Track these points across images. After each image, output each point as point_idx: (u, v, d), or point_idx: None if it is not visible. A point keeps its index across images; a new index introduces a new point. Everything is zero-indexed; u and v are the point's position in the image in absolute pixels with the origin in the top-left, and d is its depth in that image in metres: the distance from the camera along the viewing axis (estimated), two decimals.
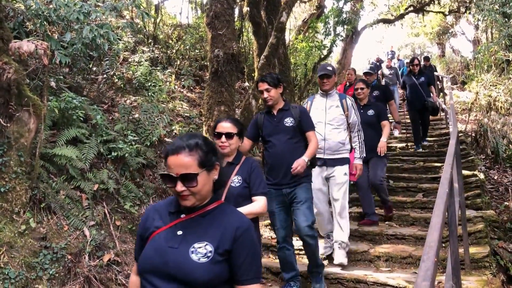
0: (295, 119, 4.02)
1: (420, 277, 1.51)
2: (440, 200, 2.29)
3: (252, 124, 4.19)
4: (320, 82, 4.85)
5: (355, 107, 4.90)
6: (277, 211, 4.13)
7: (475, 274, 4.44)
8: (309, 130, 4.09)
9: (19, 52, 3.60)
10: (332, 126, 4.77)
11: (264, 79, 4.00)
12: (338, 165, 4.76)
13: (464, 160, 7.97)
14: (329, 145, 4.74)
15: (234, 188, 3.12)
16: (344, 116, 4.82)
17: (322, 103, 4.87)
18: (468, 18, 20.39)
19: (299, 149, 4.03)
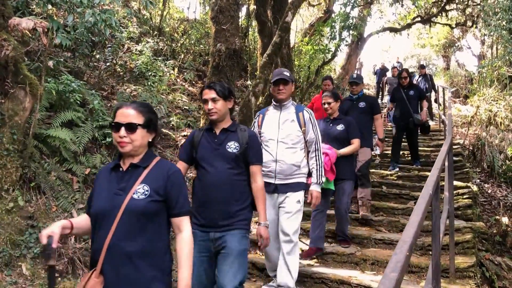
0: (241, 146, 3.16)
1: (389, 268, 1.52)
2: (422, 200, 2.30)
3: (187, 142, 3.34)
4: (275, 89, 3.97)
5: (314, 121, 4.07)
6: (197, 261, 3.01)
7: (459, 283, 4.44)
8: (254, 163, 3.23)
9: (18, 29, 3.61)
10: (286, 145, 3.92)
11: (211, 86, 3.17)
12: (291, 191, 3.95)
13: (459, 171, 7.97)
14: (281, 167, 3.90)
15: (135, 202, 2.21)
16: (301, 132, 3.96)
17: (275, 117, 4.01)
18: (474, 32, 20.42)
19: (240, 184, 3.16)
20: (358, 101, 6.44)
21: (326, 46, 13.05)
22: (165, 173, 2.33)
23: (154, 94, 6.88)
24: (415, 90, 8.40)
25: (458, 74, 21.90)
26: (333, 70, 17.81)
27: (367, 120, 6.40)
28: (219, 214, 3.08)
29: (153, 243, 2.25)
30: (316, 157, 4.06)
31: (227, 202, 3.08)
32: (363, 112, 6.34)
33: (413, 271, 4.78)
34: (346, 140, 5.29)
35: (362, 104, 6.42)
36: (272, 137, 3.93)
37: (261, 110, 4.25)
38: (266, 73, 8.26)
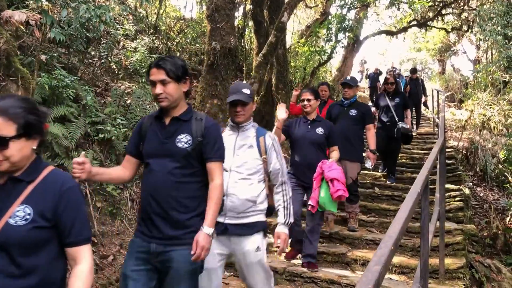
0: (194, 139, 2.54)
1: (373, 261, 1.52)
2: (410, 198, 2.31)
3: (135, 131, 2.75)
4: (231, 111, 3.25)
5: (278, 148, 3.34)
6: (134, 276, 2.49)
7: (448, 284, 4.47)
8: (212, 160, 2.58)
9: (11, 21, 3.60)
10: (240, 175, 3.15)
11: (160, 65, 2.49)
12: (246, 234, 3.11)
13: (452, 174, 8.02)
14: (232, 203, 3.08)
15: (11, 230, 1.72)
16: (261, 161, 3.23)
17: (231, 141, 3.23)
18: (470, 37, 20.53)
19: (190, 187, 2.55)
20: (350, 108, 5.86)
21: (322, 48, 13.08)
22: (57, 189, 1.81)
23: (148, 92, 6.86)
24: (401, 98, 7.77)
25: (453, 79, 22.00)
26: (329, 72, 17.86)
27: (358, 129, 5.87)
28: (163, 223, 2.49)
29: (43, 282, 1.77)
30: (283, 191, 3.29)
31: (172, 209, 2.47)
32: (354, 120, 5.80)
33: (404, 272, 4.81)
34: (324, 146, 4.86)
35: (354, 112, 5.81)
36: (224, 165, 2.88)
37: None
38: (261, 73, 8.27)
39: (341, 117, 5.84)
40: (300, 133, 4.84)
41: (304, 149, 4.82)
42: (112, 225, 5.12)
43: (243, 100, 3.15)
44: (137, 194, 5.69)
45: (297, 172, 4.87)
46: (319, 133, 4.79)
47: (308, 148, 4.79)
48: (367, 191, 7.16)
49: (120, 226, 5.21)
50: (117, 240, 4.97)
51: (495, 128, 11.58)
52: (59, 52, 6.61)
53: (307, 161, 4.76)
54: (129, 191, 5.60)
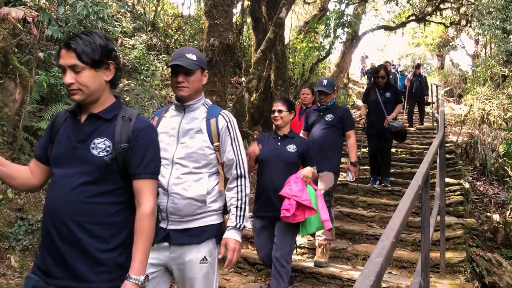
0: (115, 146, 1.89)
1: (375, 253, 1.51)
2: (410, 191, 2.30)
3: (47, 129, 2.08)
4: (172, 81, 2.58)
5: (235, 131, 2.62)
6: None
7: (449, 277, 4.47)
8: (140, 176, 1.92)
9: (8, 18, 3.58)
10: (185, 169, 2.48)
11: (70, 45, 1.85)
12: (193, 242, 2.49)
13: (452, 168, 8.03)
14: (174, 204, 2.46)
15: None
16: (212, 150, 2.54)
17: (174, 125, 2.57)
18: (469, 32, 20.52)
19: (105, 210, 1.89)
20: (326, 113, 5.15)
21: (321, 44, 13.06)
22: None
23: (147, 89, 6.85)
24: (393, 92, 7.07)
25: (452, 74, 22.03)
26: (327, 68, 17.84)
27: (334, 136, 5.10)
28: (64, 259, 1.83)
29: None
30: (237, 187, 2.60)
31: (78, 239, 1.83)
32: (330, 126, 5.08)
33: (405, 266, 4.81)
34: (297, 167, 3.99)
35: (330, 117, 5.10)
36: (165, 155, 2.46)
37: (159, 110, 2.81)
38: (259, 69, 8.26)
39: (316, 123, 5.17)
40: (267, 151, 3.96)
41: (271, 171, 3.88)
42: None
43: (186, 67, 2.44)
44: None
45: (261, 201, 3.94)
46: (290, 151, 3.93)
47: (276, 170, 3.86)
48: (367, 186, 7.16)
49: None
50: None
51: (494, 122, 11.58)
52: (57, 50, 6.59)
53: (273, 185, 3.81)
54: None
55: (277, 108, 4.03)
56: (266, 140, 4.10)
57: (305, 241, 5.41)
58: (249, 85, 7.92)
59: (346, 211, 6.23)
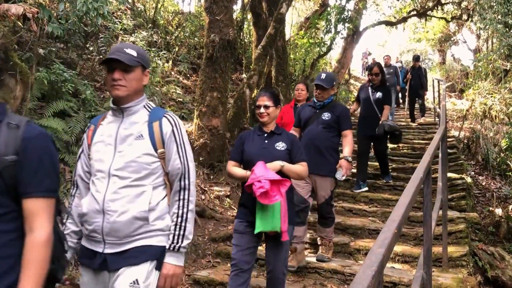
0: (0, 159, 1.59)
1: (376, 244, 1.51)
2: (412, 184, 2.30)
3: None
4: (108, 80, 2.27)
5: (181, 136, 2.29)
6: None
7: (451, 271, 4.47)
8: (32, 195, 1.63)
9: (8, 14, 3.58)
10: (124, 182, 2.17)
11: None
12: (129, 263, 2.14)
13: (454, 163, 8.01)
14: (111, 224, 2.13)
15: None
16: (155, 157, 2.23)
17: (111, 132, 2.26)
18: (470, 26, 20.44)
19: None
20: (323, 111, 4.73)
21: (322, 40, 13.03)
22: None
23: (148, 86, 6.83)
24: (384, 93, 6.73)
25: (454, 69, 21.94)
26: (328, 64, 17.80)
27: (331, 137, 4.69)
28: None
29: None
30: (180, 201, 2.23)
31: None
32: (327, 126, 4.67)
33: (407, 260, 4.81)
34: None
35: (327, 115, 4.68)
36: (100, 166, 2.19)
37: (95, 118, 2.47)
38: (260, 65, 8.24)
39: (312, 121, 4.72)
40: (253, 150, 3.49)
41: None
42: None
43: (124, 63, 2.14)
44: None
45: (246, 206, 3.44)
46: (280, 149, 3.47)
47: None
48: (369, 181, 7.15)
49: None
50: None
51: (496, 117, 11.55)
52: (58, 47, 6.59)
53: None
54: None
55: (262, 103, 3.49)
56: (251, 138, 3.59)
57: (308, 236, 5.41)
58: (250, 81, 7.90)
59: (347, 206, 6.23)
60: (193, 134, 7.03)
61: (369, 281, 1.24)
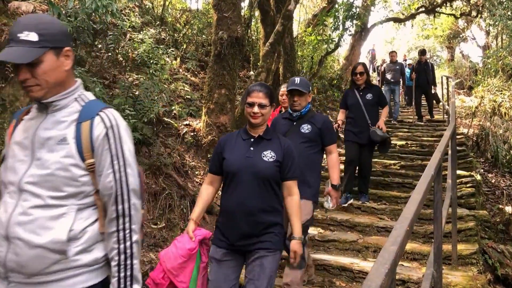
0: None
1: (389, 241, 1.50)
2: (424, 180, 2.28)
3: None
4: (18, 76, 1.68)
5: (118, 145, 1.72)
6: None
7: (461, 269, 4.44)
8: None
9: (18, 12, 3.60)
10: (38, 200, 1.63)
11: None
12: None
13: (463, 160, 7.95)
14: (17, 255, 1.59)
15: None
16: (82, 169, 1.68)
17: (28, 132, 1.73)
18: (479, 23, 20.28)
19: None
20: (300, 122, 3.92)
21: (330, 37, 12.99)
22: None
23: (156, 83, 6.85)
24: (375, 93, 6.13)
25: (463, 65, 21.79)
26: (336, 61, 17.74)
27: (312, 154, 3.88)
28: None
29: None
30: (119, 233, 1.68)
31: None
32: (308, 141, 3.86)
33: (416, 258, 4.79)
34: (277, 182, 2.84)
35: (307, 128, 3.88)
36: (11, 177, 1.68)
37: (18, 111, 1.92)
38: (268, 62, 8.22)
39: (289, 136, 3.80)
40: (233, 160, 2.83)
41: (241, 189, 2.76)
42: None
43: (22, 48, 1.59)
44: (148, 184, 5.70)
45: (225, 228, 2.84)
46: (267, 160, 2.79)
47: (248, 187, 2.75)
48: (377, 178, 7.13)
49: None
50: None
51: (506, 114, 11.46)
52: None
53: (244, 209, 2.74)
54: None
55: (258, 100, 2.80)
56: (233, 143, 2.92)
57: (316, 234, 5.41)
58: (258, 78, 7.89)
59: (356, 204, 6.21)
60: (201, 131, 7.05)
61: (382, 278, 1.24)
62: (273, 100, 2.90)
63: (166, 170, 6.01)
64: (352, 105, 6.14)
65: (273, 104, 2.92)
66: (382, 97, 6.33)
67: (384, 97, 6.45)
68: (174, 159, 6.30)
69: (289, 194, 2.88)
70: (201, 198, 2.96)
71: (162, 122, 6.95)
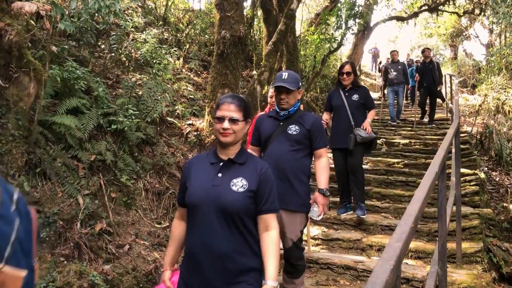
0: None
1: (393, 238, 1.50)
2: (428, 178, 2.27)
3: None
4: None
5: None
6: None
7: (465, 268, 4.42)
8: None
9: (21, 12, 3.61)
10: None
11: None
12: None
13: (466, 159, 7.93)
14: None
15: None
16: None
17: None
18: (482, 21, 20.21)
19: None
20: (288, 123, 3.48)
21: (332, 35, 12.97)
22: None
23: (159, 83, 6.86)
24: (362, 95, 5.64)
25: (466, 64, 21.73)
26: (339, 60, 17.72)
27: (300, 158, 3.45)
28: None
29: None
30: None
31: None
32: (296, 143, 3.42)
33: (420, 256, 4.77)
34: (250, 215, 2.30)
35: (295, 129, 3.44)
36: None
37: None
38: (271, 61, 8.23)
39: (274, 138, 3.46)
40: (197, 190, 2.28)
41: (207, 224, 2.22)
42: (127, 215, 5.15)
43: None
44: (151, 184, 5.71)
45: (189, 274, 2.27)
46: (236, 190, 2.23)
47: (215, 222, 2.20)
48: (381, 177, 7.11)
49: (135, 216, 5.24)
50: (132, 230, 5.00)
51: (510, 112, 11.41)
52: (70, 45, 6.64)
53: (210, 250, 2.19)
54: (143, 181, 5.63)
55: (228, 114, 2.29)
56: (199, 167, 2.38)
57: (319, 232, 5.40)
58: (261, 78, 7.89)
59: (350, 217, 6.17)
60: (204, 131, 7.05)
61: (388, 275, 1.23)
62: (248, 115, 2.39)
63: (170, 170, 6.03)
64: (337, 107, 5.64)
65: (249, 120, 2.40)
66: (369, 99, 5.75)
67: (372, 99, 5.87)
68: (177, 159, 6.31)
69: (265, 229, 2.26)
70: (173, 238, 2.44)
71: (165, 121, 6.96)
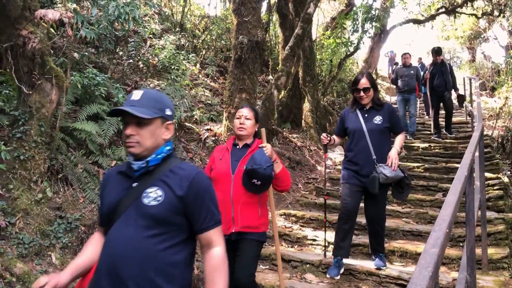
0: None
1: (429, 244, 1.46)
2: (458, 181, 2.22)
3: None
4: None
5: None
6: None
7: (492, 274, 4.32)
8: None
9: (45, 19, 3.65)
10: None
11: None
12: None
13: (489, 162, 7.78)
14: None
15: None
16: None
17: None
18: (501, 22, 19.89)
19: None
20: (143, 185, 2.16)
21: (349, 39, 12.90)
22: None
23: (178, 88, 6.89)
24: (386, 116, 4.28)
25: (484, 66, 21.40)
26: (355, 64, 17.61)
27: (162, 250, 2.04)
28: None
29: None
30: None
31: None
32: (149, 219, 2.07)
33: (444, 262, 4.68)
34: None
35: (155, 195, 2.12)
36: None
37: None
38: (288, 65, 8.20)
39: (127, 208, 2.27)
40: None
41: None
42: None
43: None
44: None
45: None
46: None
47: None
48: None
49: None
50: None
51: None
52: (89, 52, 6.71)
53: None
54: None
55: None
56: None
57: None
58: (278, 82, 7.87)
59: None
60: (222, 136, 7.05)
61: (427, 282, 1.20)
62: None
63: None
64: (352, 131, 4.32)
65: None
66: (395, 119, 4.38)
67: (399, 119, 4.65)
68: (196, 164, 6.31)
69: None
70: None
71: (183, 127, 6.97)
